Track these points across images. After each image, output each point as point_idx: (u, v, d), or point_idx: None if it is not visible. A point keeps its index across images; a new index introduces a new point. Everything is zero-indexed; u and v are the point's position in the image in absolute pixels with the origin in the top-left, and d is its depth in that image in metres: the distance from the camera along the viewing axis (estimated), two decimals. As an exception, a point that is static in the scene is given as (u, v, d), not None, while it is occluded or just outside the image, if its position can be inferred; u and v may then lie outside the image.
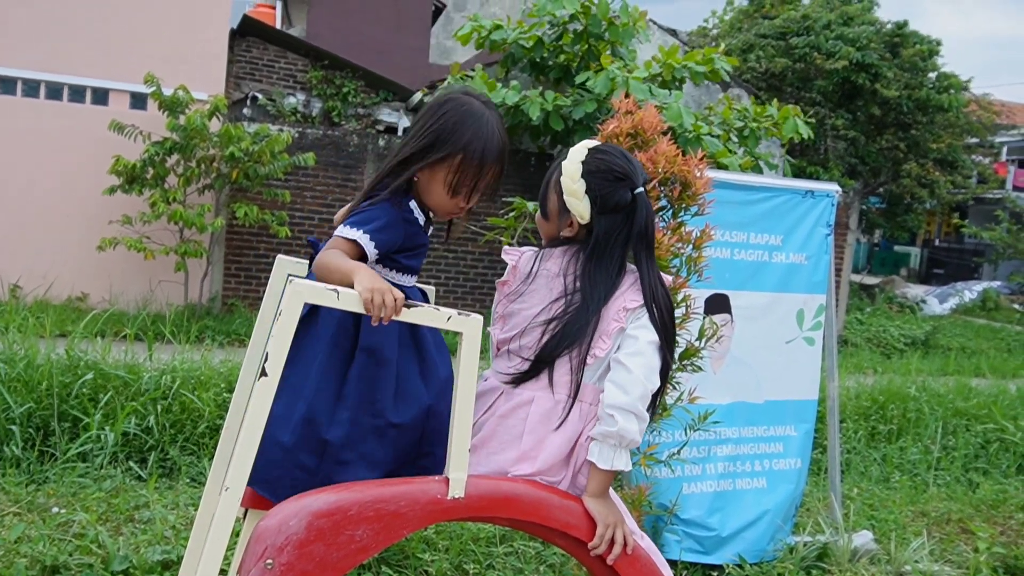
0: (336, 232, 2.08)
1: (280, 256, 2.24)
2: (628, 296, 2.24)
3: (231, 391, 5.66)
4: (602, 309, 2.20)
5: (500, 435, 2.19)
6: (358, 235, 2.06)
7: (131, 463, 5.04)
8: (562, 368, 2.19)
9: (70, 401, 5.22)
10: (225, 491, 1.78)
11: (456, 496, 1.95)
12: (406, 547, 3.89)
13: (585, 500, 2.16)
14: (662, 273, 2.35)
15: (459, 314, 1.89)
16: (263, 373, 1.76)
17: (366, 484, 1.94)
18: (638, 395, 2.12)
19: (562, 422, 2.18)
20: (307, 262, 2.31)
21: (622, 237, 2.26)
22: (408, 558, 3.83)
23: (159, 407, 5.35)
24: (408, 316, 1.83)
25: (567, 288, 2.22)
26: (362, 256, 2.08)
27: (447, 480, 1.96)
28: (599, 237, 2.25)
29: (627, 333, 2.20)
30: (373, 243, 2.08)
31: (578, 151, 2.36)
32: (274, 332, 1.75)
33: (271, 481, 2.02)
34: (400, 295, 1.90)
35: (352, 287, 1.88)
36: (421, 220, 2.24)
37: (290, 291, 1.74)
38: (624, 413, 2.11)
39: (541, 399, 2.19)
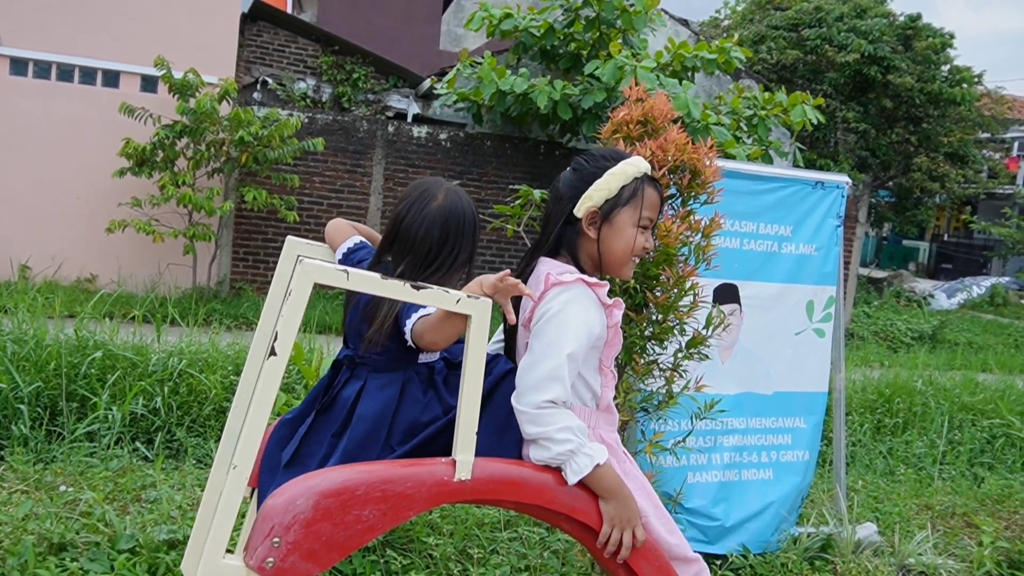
0: (422, 313, 2.15)
1: (290, 237, 2.25)
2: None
3: (238, 373, 5.69)
4: None
5: None
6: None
7: (138, 444, 5.07)
8: None
9: (78, 381, 5.25)
10: (233, 469, 1.79)
11: (462, 478, 1.96)
12: (411, 531, 3.91)
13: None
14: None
15: (468, 297, 1.90)
16: (272, 353, 1.76)
17: (373, 465, 1.95)
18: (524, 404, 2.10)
19: None
20: (317, 243, 2.33)
21: None
22: (413, 542, 3.85)
23: (166, 388, 5.38)
24: (417, 298, 1.83)
25: None
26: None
27: (454, 462, 1.96)
28: None
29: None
30: None
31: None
32: (284, 312, 1.76)
33: None
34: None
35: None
36: None
37: (300, 271, 1.75)
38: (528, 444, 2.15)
39: None
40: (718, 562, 4.29)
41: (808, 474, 4.72)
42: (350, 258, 2.48)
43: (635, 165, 2.31)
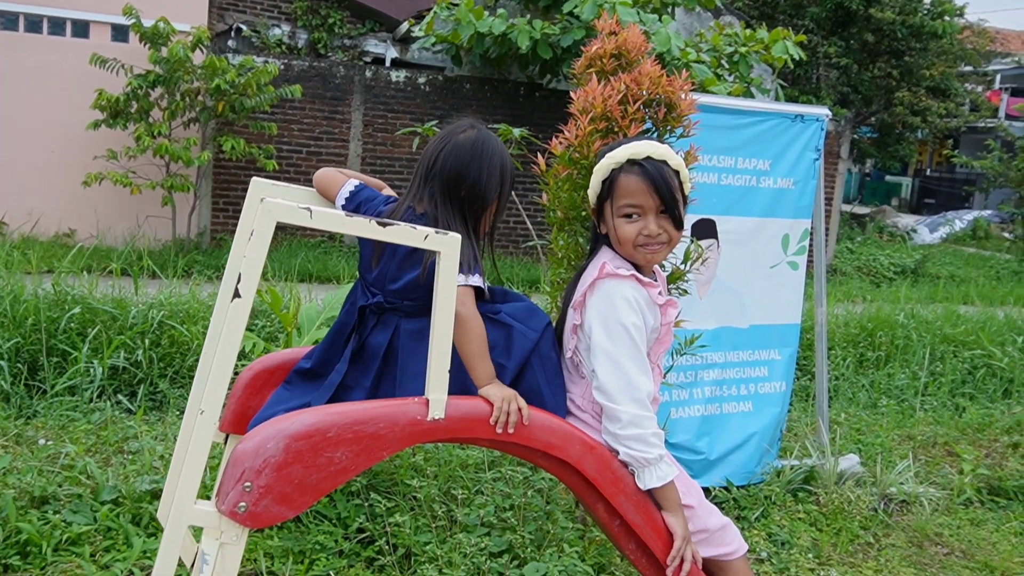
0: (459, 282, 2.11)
1: (256, 179, 2.20)
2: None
3: (219, 323, 5.65)
4: None
5: None
6: (476, 280, 2.16)
7: (120, 396, 5.05)
8: None
9: (58, 336, 5.21)
10: (200, 414, 1.77)
11: (436, 417, 1.94)
12: (395, 474, 3.92)
13: (663, 513, 2.22)
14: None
15: (436, 232, 1.86)
16: (236, 294, 1.73)
17: (344, 406, 1.93)
18: (623, 416, 2.14)
19: None
20: (285, 184, 2.29)
21: None
22: (397, 484, 3.86)
23: (147, 341, 5.35)
24: (383, 235, 1.80)
25: None
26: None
27: (427, 401, 1.94)
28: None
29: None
30: (483, 280, 2.21)
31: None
32: (247, 253, 1.72)
33: None
34: (524, 405, 2.09)
35: (479, 380, 2.09)
36: None
37: (262, 210, 1.70)
38: (616, 440, 2.17)
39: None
40: (702, 497, 4.32)
41: (785, 404, 4.77)
42: (354, 200, 2.41)
43: (612, 157, 2.28)
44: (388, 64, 12.67)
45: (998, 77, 30.30)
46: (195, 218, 10.84)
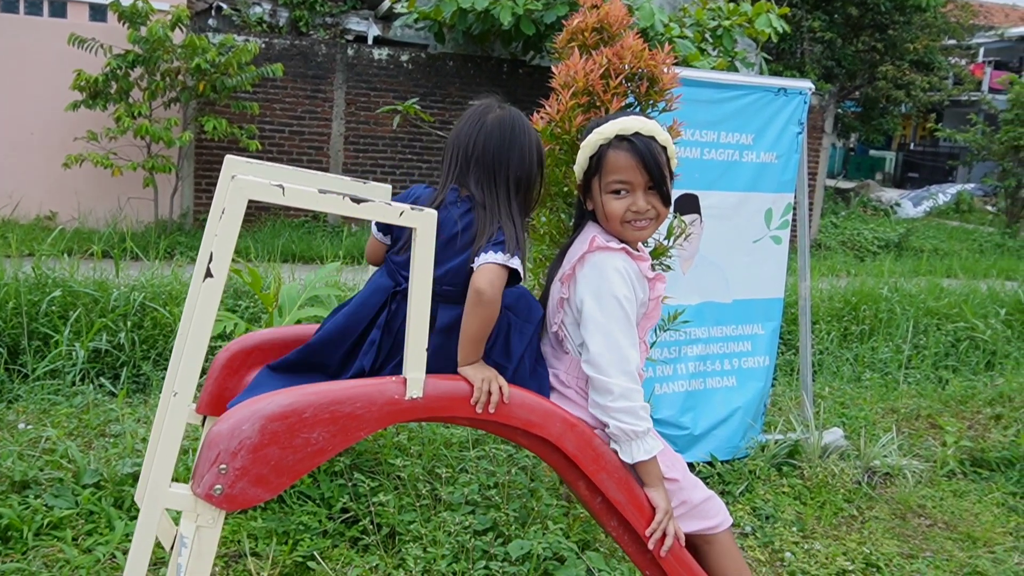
0: (494, 260, 2.05)
1: (229, 156, 2.16)
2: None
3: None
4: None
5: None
6: (515, 262, 2.08)
7: (103, 380, 5.01)
8: None
9: (39, 319, 5.16)
10: (174, 396, 1.74)
11: (414, 396, 1.92)
12: (379, 453, 3.90)
13: (646, 489, 2.21)
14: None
15: (412, 209, 1.83)
16: (208, 274, 1.70)
17: (321, 386, 1.91)
18: (614, 389, 2.12)
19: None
20: (260, 162, 2.25)
21: None
22: (380, 464, 3.84)
23: (129, 323, 5.31)
24: (357, 211, 1.77)
25: None
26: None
27: (404, 380, 1.92)
28: None
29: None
30: (520, 263, 2.11)
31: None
32: (218, 231, 1.69)
33: None
34: (504, 384, 2.05)
35: (463, 360, 2.05)
36: None
37: (233, 188, 1.67)
38: (604, 413, 2.14)
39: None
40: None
41: (768, 378, 4.79)
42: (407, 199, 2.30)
43: (600, 132, 2.26)
44: (370, 42, 12.55)
45: (981, 50, 30.28)
46: (177, 199, 10.76)
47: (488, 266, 2.03)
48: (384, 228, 2.29)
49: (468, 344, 2.05)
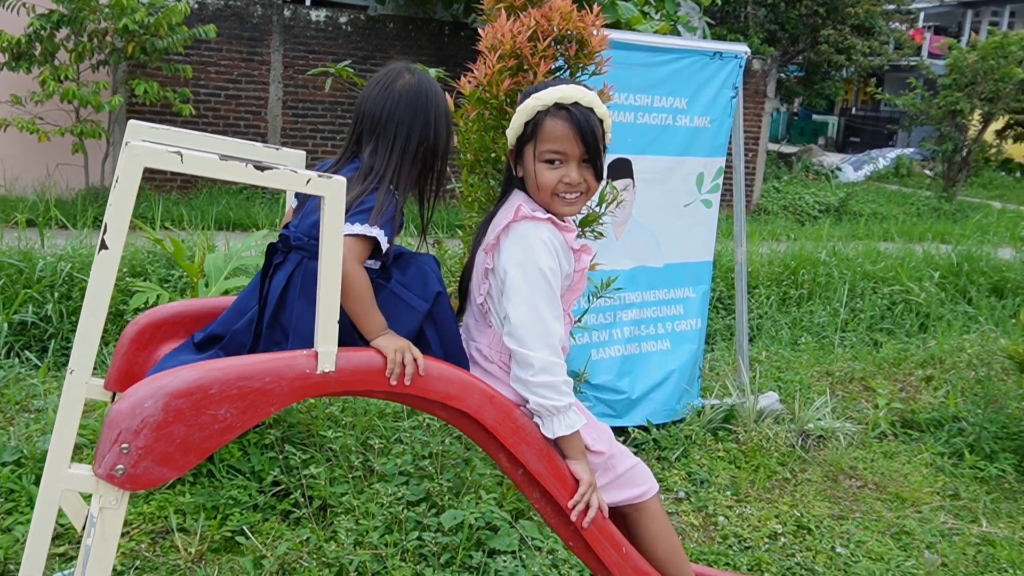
0: (350, 231, 1.94)
1: (132, 121, 2.06)
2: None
3: (135, 275, 5.47)
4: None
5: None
6: (376, 232, 1.99)
7: (29, 353, 4.87)
8: None
9: (-42, 291, 4.99)
10: (71, 374, 1.66)
11: (326, 370, 1.86)
12: (311, 425, 3.84)
13: (568, 461, 2.18)
14: None
15: (319, 176, 1.76)
16: (103, 246, 1.62)
17: (228, 361, 1.84)
18: (535, 362, 2.07)
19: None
20: (166, 127, 2.15)
21: None
22: (312, 436, 3.78)
23: (56, 294, 5.16)
24: (262, 179, 1.69)
25: None
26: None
27: (316, 354, 1.86)
28: None
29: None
30: (387, 237, 2.03)
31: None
32: (112, 200, 1.60)
33: None
34: (419, 355, 2.00)
35: (370, 334, 1.98)
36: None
37: (127, 155, 1.58)
38: (526, 387, 2.10)
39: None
40: (621, 439, 4.33)
41: (701, 341, 4.82)
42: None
43: (539, 99, 2.18)
44: (308, 3, 12.28)
45: (921, 15, 30.67)
46: (109, 165, 10.46)
47: (349, 243, 1.95)
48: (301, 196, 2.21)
49: (361, 318, 1.99)
